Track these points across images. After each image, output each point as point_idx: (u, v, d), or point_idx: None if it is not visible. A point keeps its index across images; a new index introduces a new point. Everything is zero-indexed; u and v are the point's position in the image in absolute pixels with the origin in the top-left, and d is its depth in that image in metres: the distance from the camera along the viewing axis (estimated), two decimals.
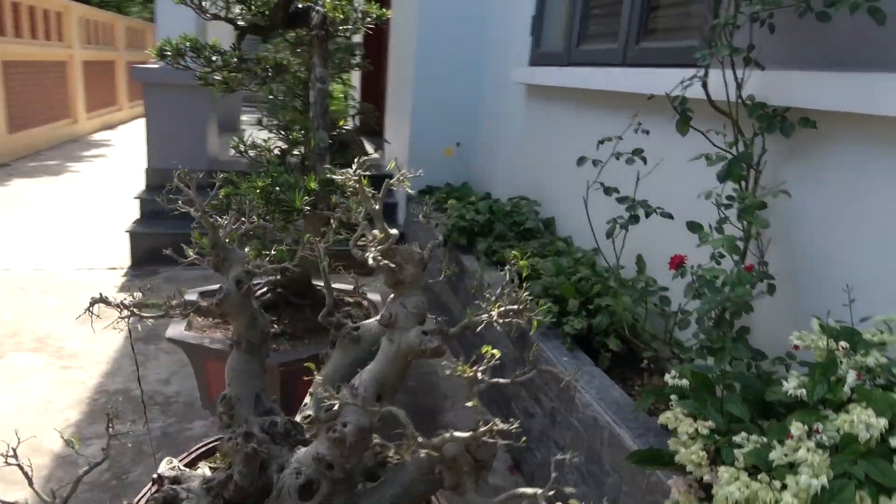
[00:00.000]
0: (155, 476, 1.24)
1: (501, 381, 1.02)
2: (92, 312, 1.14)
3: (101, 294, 1.19)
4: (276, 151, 2.11)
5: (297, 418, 1.27)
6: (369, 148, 5.66)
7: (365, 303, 2.18)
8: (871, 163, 1.56)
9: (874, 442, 1.19)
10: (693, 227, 1.91)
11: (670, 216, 2.00)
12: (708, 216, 1.82)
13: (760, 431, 1.39)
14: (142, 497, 1.24)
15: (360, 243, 1.09)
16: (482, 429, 0.97)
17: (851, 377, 1.32)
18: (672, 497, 1.49)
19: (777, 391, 1.40)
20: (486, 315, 1.08)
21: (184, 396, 2.49)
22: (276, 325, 1.97)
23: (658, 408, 1.85)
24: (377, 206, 1.05)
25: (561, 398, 2.11)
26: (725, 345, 1.65)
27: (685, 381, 1.57)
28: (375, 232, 1.05)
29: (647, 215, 1.99)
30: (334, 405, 1.08)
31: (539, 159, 3.31)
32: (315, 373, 1.07)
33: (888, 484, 1.12)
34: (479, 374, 0.94)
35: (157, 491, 1.22)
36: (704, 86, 1.80)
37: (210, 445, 1.41)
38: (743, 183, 1.81)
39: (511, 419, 0.99)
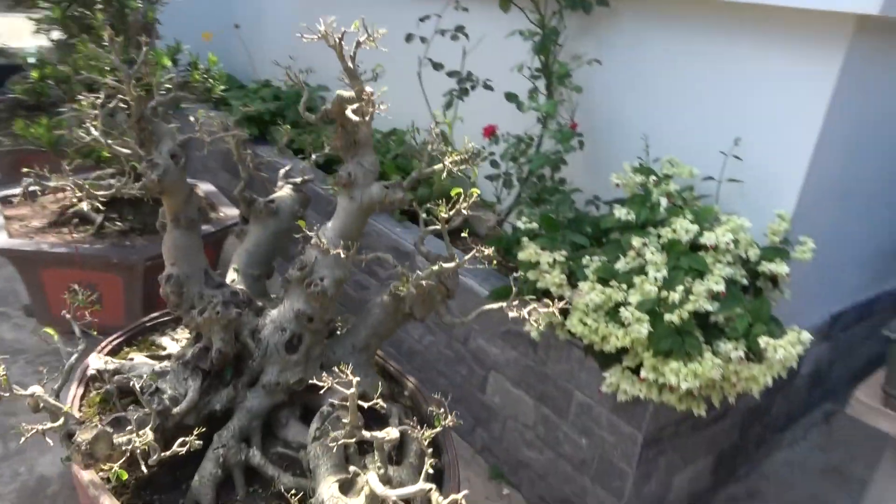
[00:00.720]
0: (93, 372, 1.17)
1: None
2: None
3: None
4: None
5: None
6: None
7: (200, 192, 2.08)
8: (649, 36, 1.97)
9: (688, 244, 1.63)
10: (509, 97, 2.18)
11: (491, 88, 2.24)
12: (523, 88, 2.11)
13: (602, 254, 1.76)
14: (75, 397, 1.16)
15: None
16: (452, 264, 1.13)
17: (664, 202, 1.75)
18: (532, 318, 1.83)
19: (611, 220, 1.78)
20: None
21: None
22: (119, 223, 1.80)
23: (497, 260, 2.16)
24: None
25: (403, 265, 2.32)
26: (558, 192, 2.00)
27: (534, 224, 1.89)
28: (348, 92, 1.08)
29: (474, 88, 2.21)
30: (306, 265, 1.14)
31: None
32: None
33: (702, 269, 1.56)
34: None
35: (101, 386, 1.16)
36: None
37: (122, 338, 1.34)
38: (551, 56, 2.12)
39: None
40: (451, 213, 1.09)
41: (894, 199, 2.30)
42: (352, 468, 0.98)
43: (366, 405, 0.91)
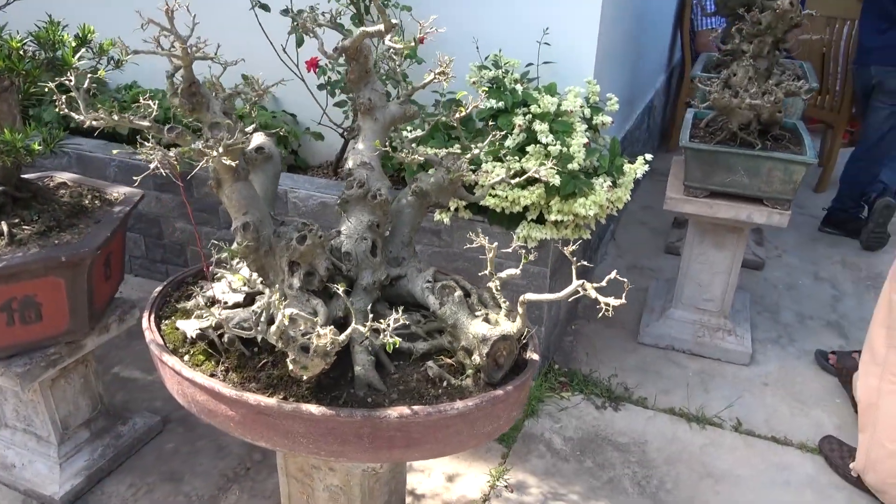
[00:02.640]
0: (195, 334, 1.25)
1: None
2: None
3: None
4: None
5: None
6: None
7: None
8: None
9: (552, 114, 2.11)
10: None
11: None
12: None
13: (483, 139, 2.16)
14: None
15: None
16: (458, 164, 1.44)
17: (519, 88, 2.19)
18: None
19: (485, 111, 2.18)
20: None
21: None
22: (26, 227, 1.65)
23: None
24: None
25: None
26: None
27: (418, 132, 2.20)
28: (373, 28, 1.27)
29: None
30: (363, 181, 1.35)
31: None
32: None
33: (569, 130, 2.07)
34: None
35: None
36: None
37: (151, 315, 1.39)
38: None
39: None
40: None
41: (634, 53, 3.13)
42: (481, 311, 1.28)
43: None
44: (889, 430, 1.86)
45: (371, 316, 1.16)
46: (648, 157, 2.12)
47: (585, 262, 1.22)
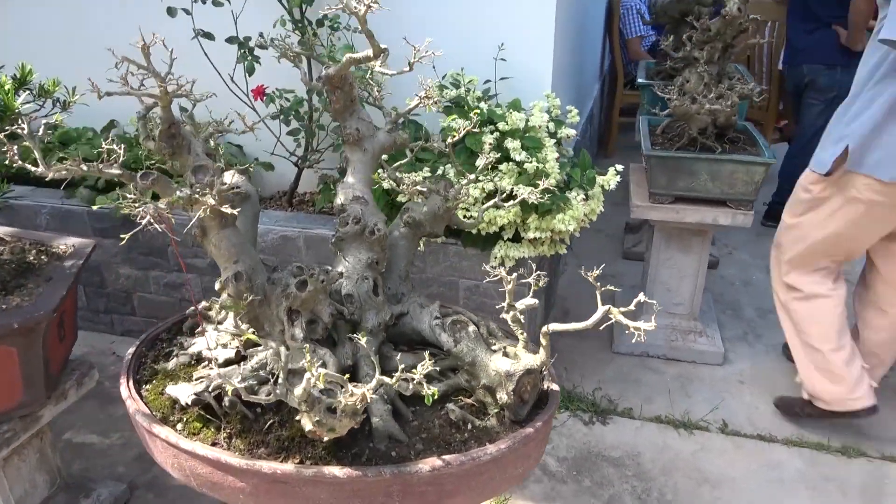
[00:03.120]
0: (189, 399, 1.13)
1: None
2: None
3: None
4: None
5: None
6: None
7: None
8: None
9: (521, 130, 2.07)
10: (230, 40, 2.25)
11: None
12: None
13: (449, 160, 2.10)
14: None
15: None
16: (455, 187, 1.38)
17: (484, 105, 2.15)
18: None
19: (449, 130, 2.12)
20: None
21: None
22: None
23: None
24: None
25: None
26: None
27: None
28: (360, 53, 1.19)
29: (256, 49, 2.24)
30: (359, 217, 1.26)
31: None
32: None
33: (538, 145, 2.04)
34: None
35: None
36: None
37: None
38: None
39: None
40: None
41: (578, 64, 3.15)
42: (497, 345, 1.22)
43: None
44: (815, 337, 2.15)
45: (376, 362, 1.08)
46: (619, 167, 2.12)
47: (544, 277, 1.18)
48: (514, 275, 1.18)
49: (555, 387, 1.26)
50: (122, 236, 1.07)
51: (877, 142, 1.83)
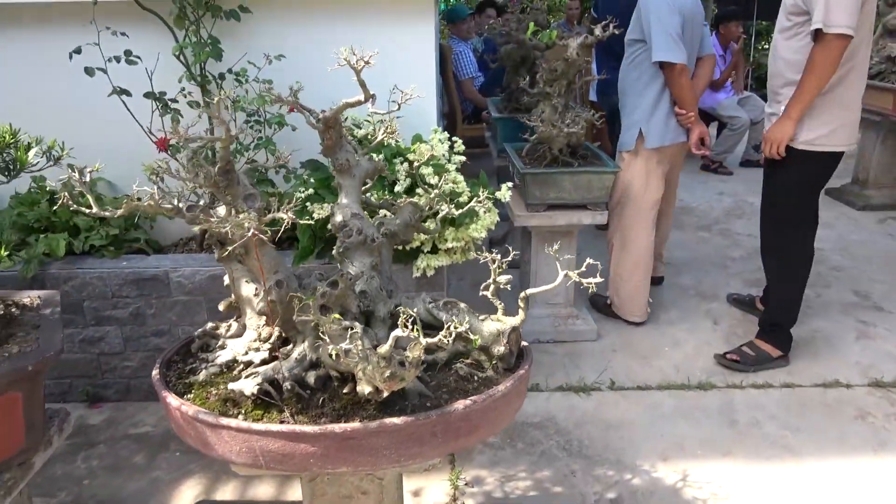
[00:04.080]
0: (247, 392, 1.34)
1: None
2: None
3: None
4: None
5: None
6: None
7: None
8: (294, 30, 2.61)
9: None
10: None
11: (172, 100, 2.48)
12: None
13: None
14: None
15: None
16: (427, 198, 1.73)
17: (393, 141, 2.51)
18: None
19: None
20: None
21: None
22: None
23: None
24: None
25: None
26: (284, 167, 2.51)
27: (310, 190, 2.39)
28: (353, 98, 1.50)
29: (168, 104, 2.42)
30: (361, 229, 1.56)
31: None
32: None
33: (443, 169, 2.43)
34: None
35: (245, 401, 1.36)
36: None
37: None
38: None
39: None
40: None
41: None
42: (482, 316, 1.57)
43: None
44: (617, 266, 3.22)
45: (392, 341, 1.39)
46: (509, 184, 2.58)
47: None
48: (498, 255, 1.55)
49: (524, 343, 1.64)
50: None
51: (648, 125, 3.03)
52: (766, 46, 9.49)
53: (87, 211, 1.28)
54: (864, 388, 2.72)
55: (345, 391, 1.40)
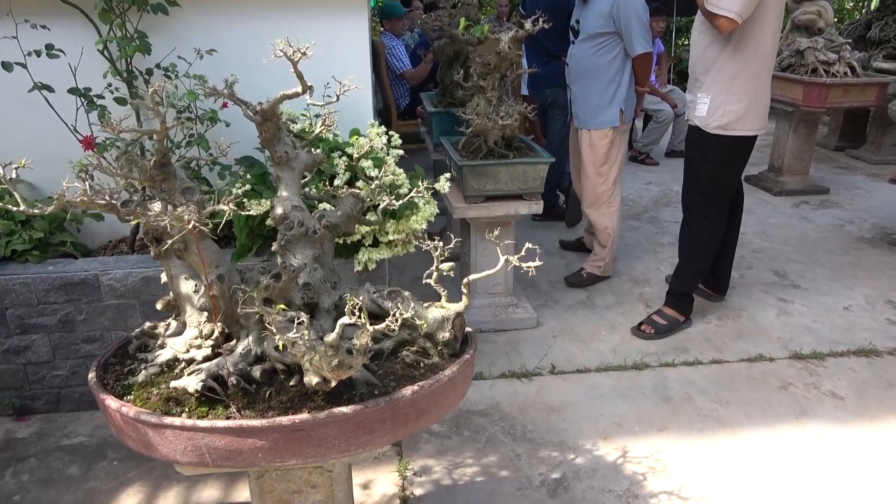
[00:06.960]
0: (195, 388, 1.32)
1: None
2: None
3: None
4: None
5: None
6: None
7: None
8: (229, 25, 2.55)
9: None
10: (74, 91, 2.40)
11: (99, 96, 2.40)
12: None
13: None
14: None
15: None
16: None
17: (331, 135, 2.49)
18: None
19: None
20: None
21: None
22: None
23: None
24: None
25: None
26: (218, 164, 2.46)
27: (247, 186, 2.36)
28: (290, 90, 1.49)
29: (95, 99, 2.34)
30: (302, 221, 1.55)
31: None
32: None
33: (381, 162, 2.44)
34: None
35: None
36: None
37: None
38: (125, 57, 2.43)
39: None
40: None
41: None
42: (427, 303, 1.59)
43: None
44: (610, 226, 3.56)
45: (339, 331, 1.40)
46: (447, 175, 2.61)
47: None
48: (441, 243, 1.57)
49: (468, 329, 1.67)
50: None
51: (625, 103, 3.39)
52: (687, 42, 9.89)
53: (15, 209, 1.23)
54: (785, 361, 2.89)
55: (291, 384, 1.40)
